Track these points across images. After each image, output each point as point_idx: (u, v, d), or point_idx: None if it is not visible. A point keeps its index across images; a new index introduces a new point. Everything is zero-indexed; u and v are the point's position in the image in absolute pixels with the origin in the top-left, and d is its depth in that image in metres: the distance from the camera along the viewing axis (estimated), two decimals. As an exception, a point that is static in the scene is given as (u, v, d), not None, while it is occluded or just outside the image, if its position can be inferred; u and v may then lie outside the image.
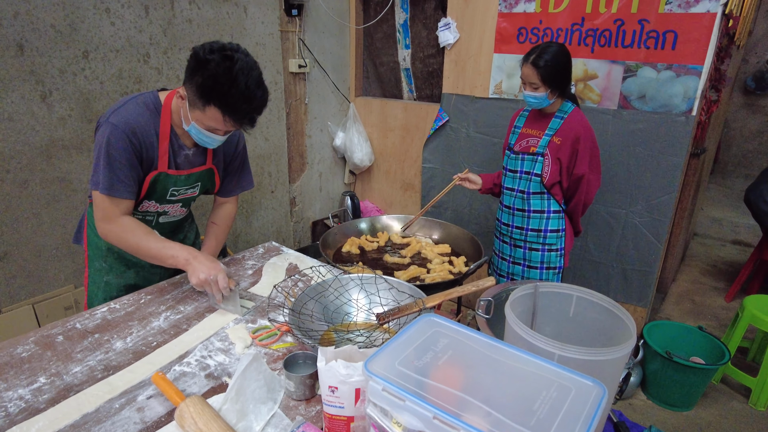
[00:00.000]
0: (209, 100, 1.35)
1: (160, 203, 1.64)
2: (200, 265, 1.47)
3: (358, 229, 2.46)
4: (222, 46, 1.34)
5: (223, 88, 1.31)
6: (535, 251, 2.27)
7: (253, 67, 1.35)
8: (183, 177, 1.61)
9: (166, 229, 1.78)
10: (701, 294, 3.85)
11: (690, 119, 2.39)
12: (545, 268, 2.28)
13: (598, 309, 1.12)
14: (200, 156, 1.65)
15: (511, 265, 2.36)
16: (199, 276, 1.46)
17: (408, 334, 1.00)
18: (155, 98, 1.52)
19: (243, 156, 1.82)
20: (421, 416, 0.81)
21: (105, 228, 1.51)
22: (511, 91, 2.90)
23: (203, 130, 1.44)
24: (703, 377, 2.55)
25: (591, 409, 0.81)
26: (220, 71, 1.30)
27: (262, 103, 1.40)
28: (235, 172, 1.82)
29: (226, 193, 1.85)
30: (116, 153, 1.43)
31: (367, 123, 3.69)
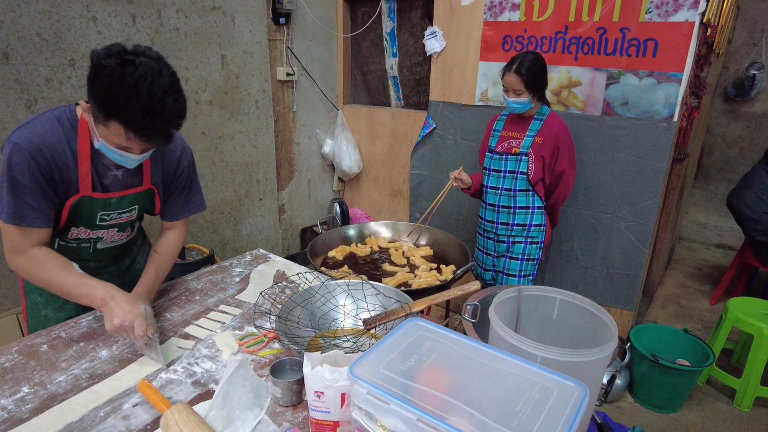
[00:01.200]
0: (108, 114, 1.13)
1: (90, 229, 1.45)
2: (117, 308, 1.26)
3: (346, 236, 2.47)
4: (122, 49, 1.13)
5: (119, 100, 1.10)
6: (518, 243, 2.41)
7: (161, 74, 1.14)
8: (114, 200, 1.41)
9: (108, 256, 1.60)
10: (687, 297, 3.90)
11: (671, 125, 2.43)
12: (525, 259, 2.42)
13: (580, 311, 1.14)
14: (134, 176, 1.43)
15: (495, 259, 2.49)
16: (112, 321, 1.25)
17: (393, 339, 1.01)
18: (71, 113, 1.32)
19: (189, 174, 1.58)
20: (405, 419, 0.82)
21: (14, 261, 1.33)
22: (496, 98, 2.94)
23: (113, 149, 1.22)
24: (689, 379, 2.58)
25: (573, 410, 0.82)
26: (115, 79, 1.08)
27: (174, 115, 1.18)
28: (179, 193, 1.59)
29: (170, 217, 1.62)
30: (20, 176, 1.23)
31: (355, 130, 3.70)
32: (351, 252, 2.35)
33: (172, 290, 1.70)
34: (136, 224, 1.65)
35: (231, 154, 3.07)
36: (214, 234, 3.09)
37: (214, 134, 2.94)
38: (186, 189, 1.60)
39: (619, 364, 2.67)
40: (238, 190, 3.18)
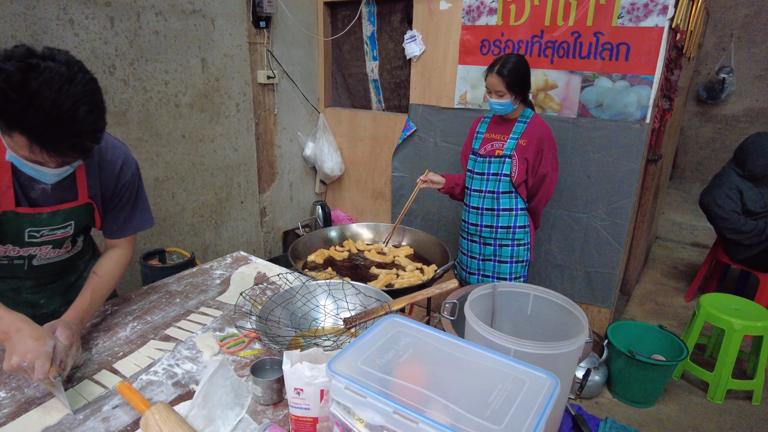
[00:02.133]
0: (9, 125, 1.00)
1: (20, 246, 1.33)
2: (19, 344, 1.10)
3: (328, 238, 2.48)
4: (27, 51, 0.99)
5: (17, 108, 0.96)
6: (505, 246, 2.41)
7: (72, 80, 1.00)
8: (44, 215, 1.28)
9: (47, 273, 1.49)
10: (663, 294, 4.00)
11: (644, 126, 2.50)
12: (514, 261, 2.43)
13: (554, 307, 1.17)
14: (67, 189, 1.30)
15: (481, 263, 2.49)
16: (10, 360, 1.08)
17: (371, 335, 1.03)
18: None
19: (133, 189, 1.45)
20: (382, 412, 0.84)
21: None
22: (475, 101, 2.99)
23: (26, 162, 1.08)
24: (664, 374, 2.64)
25: (544, 400, 0.85)
26: (13, 85, 0.95)
27: (87, 127, 1.03)
28: (121, 209, 1.45)
29: (112, 234, 1.49)
30: None
31: (336, 133, 3.72)
32: (330, 256, 2.35)
33: (153, 293, 1.70)
34: (79, 239, 1.50)
35: (211, 157, 3.06)
36: (195, 237, 3.08)
37: (195, 137, 2.93)
38: (129, 204, 1.47)
39: (597, 360, 2.73)
40: (219, 193, 3.17)
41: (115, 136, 1.41)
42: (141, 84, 2.59)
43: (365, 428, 0.85)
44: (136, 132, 2.62)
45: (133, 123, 2.60)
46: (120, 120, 2.54)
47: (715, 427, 2.60)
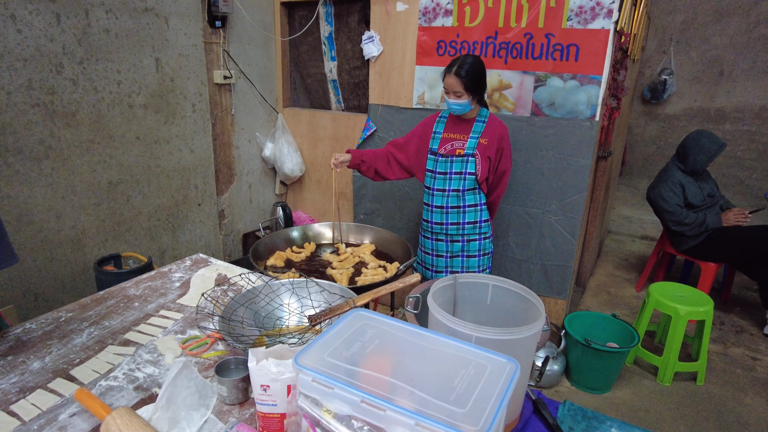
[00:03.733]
0: None
1: None
2: None
3: (290, 238, 2.47)
4: None
5: None
6: (473, 241, 2.48)
7: None
8: None
9: None
10: (616, 286, 4.17)
11: (594, 124, 2.62)
12: (482, 254, 2.50)
13: (512, 295, 1.22)
14: None
15: (449, 260, 2.53)
16: None
17: (337, 329, 1.04)
18: None
19: None
20: (349, 401, 0.86)
21: None
22: (433, 101, 3.04)
23: None
24: (618, 360, 2.77)
25: (505, 382, 0.89)
26: None
27: None
28: None
29: None
30: None
31: (296, 133, 3.70)
32: (288, 258, 2.34)
33: (110, 298, 1.65)
34: None
35: (167, 159, 2.99)
36: (152, 242, 3.00)
37: (149, 139, 2.86)
38: None
39: (556, 350, 2.82)
40: (176, 195, 3.10)
41: None
42: (92, 84, 2.50)
43: (333, 419, 0.86)
44: (87, 133, 2.53)
45: (84, 124, 2.51)
46: (70, 121, 2.45)
47: (664, 408, 2.74)
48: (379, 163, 2.53)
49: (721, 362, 3.18)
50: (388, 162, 2.54)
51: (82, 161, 2.54)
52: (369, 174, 2.56)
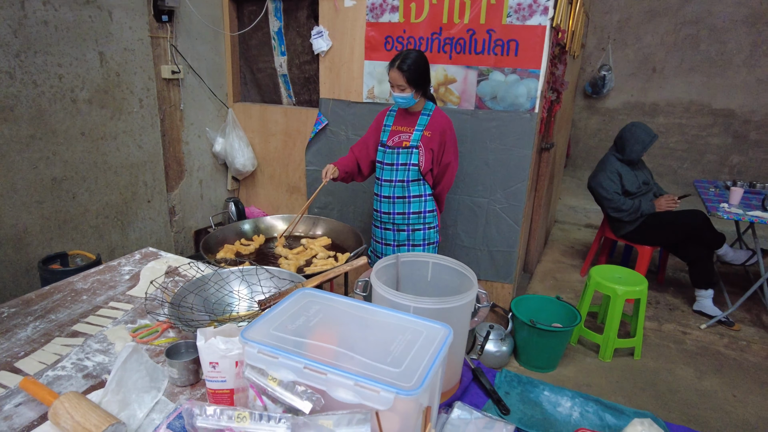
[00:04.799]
0: None
1: None
2: None
3: (241, 231, 2.48)
4: None
5: None
6: (418, 231, 2.57)
7: None
8: None
9: None
10: (561, 271, 4.38)
11: (534, 116, 2.76)
12: (426, 244, 2.61)
13: (449, 271, 1.31)
14: None
15: (395, 249, 2.62)
16: None
17: (283, 306, 1.10)
18: None
19: None
20: (293, 369, 0.91)
21: None
22: (382, 95, 3.11)
23: None
24: (562, 339, 2.93)
25: (438, 345, 0.97)
26: None
27: None
28: None
29: None
30: None
31: (247, 128, 3.70)
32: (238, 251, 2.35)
33: (56, 292, 1.63)
34: None
35: (114, 155, 2.93)
36: (100, 240, 2.94)
37: (95, 135, 2.80)
38: None
39: (504, 332, 2.96)
40: (124, 192, 3.04)
41: None
42: (30, 77, 2.43)
43: (279, 386, 0.92)
44: (27, 129, 2.46)
45: (23, 119, 2.44)
46: (7, 116, 2.37)
47: (605, 382, 2.92)
48: (354, 168, 2.65)
49: (656, 338, 3.42)
50: (357, 165, 2.66)
51: (22, 158, 2.46)
52: (347, 181, 2.69)
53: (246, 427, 0.82)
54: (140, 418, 1.11)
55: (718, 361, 3.20)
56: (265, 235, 2.51)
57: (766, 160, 5.18)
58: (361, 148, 2.64)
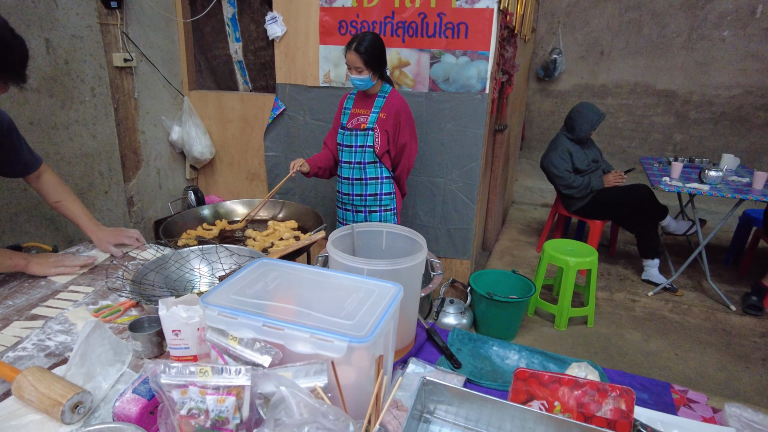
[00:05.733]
0: None
1: None
2: None
3: (201, 216, 2.49)
4: None
5: None
6: (374, 213, 2.64)
7: None
8: None
9: None
10: (518, 249, 4.55)
11: (484, 97, 2.86)
12: None
13: (402, 239, 1.38)
14: None
15: None
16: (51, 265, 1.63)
17: (242, 274, 1.15)
18: None
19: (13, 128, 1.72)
20: (252, 327, 0.97)
21: None
22: (338, 79, 3.15)
23: None
24: (519, 309, 3.07)
25: (389, 300, 1.04)
26: None
27: None
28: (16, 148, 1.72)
29: (26, 170, 1.77)
30: None
31: (204, 116, 3.67)
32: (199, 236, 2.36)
33: (12, 279, 1.62)
34: None
35: (67, 146, 2.87)
36: (56, 232, 2.88)
37: (46, 124, 2.73)
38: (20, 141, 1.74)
39: (464, 305, 3.08)
40: (80, 183, 2.99)
41: None
42: (-29, 66, 2.36)
43: (239, 344, 0.97)
44: (-29, 119, 2.38)
45: (-34, 109, 2.36)
46: (-50, 106, 2.29)
47: (561, 349, 3.09)
48: (331, 162, 2.70)
49: (608, 306, 3.62)
50: (334, 158, 2.70)
51: (-32, 149, 2.39)
52: (326, 175, 2.74)
53: (208, 380, 0.88)
54: (105, 389, 1.14)
55: (663, 325, 3.42)
56: (225, 220, 2.52)
57: (704, 138, 5.49)
58: (333, 139, 2.68)
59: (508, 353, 1.38)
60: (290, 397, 0.85)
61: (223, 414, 0.87)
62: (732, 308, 3.54)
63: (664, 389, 1.26)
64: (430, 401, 1.00)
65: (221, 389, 0.87)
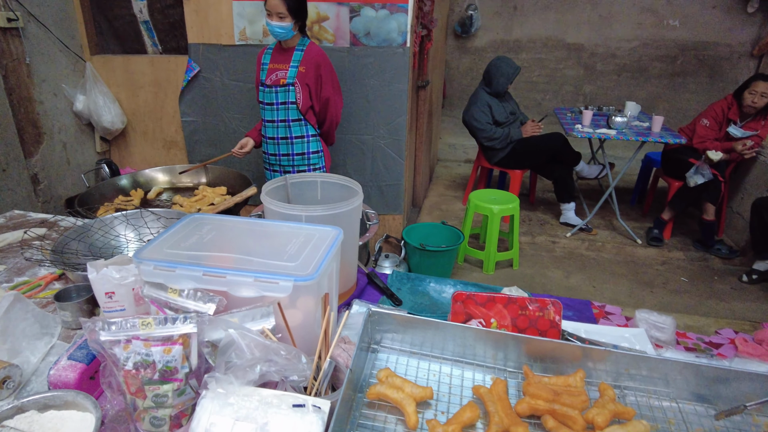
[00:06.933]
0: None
1: None
2: None
3: (120, 187, 2.35)
4: None
5: None
6: (303, 172, 2.54)
7: None
8: None
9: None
10: (446, 203, 4.70)
11: (406, 50, 2.87)
12: None
13: (337, 187, 1.39)
14: None
15: None
16: None
17: (174, 230, 1.11)
18: None
19: None
20: (192, 277, 0.95)
21: None
22: (255, 36, 3.03)
23: None
24: (449, 257, 3.20)
25: (330, 243, 1.05)
26: None
27: None
28: None
29: None
30: None
31: (111, 82, 3.40)
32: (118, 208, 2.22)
33: None
34: None
35: (-50, 120, 2.57)
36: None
37: None
38: None
39: (398, 258, 3.16)
40: (-29, 161, 2.70)
41: None
42: None
43: (179, 296, 0.95)
44: None
45: None
46: None
47: (490, 292, 3.27)
48: None
49: (530, 249, 3.86)
50: None
51: None
52: None
53: (152, 332, 0.85)
54: (35, 362, 1.09)
55: (580, 262, 3.71)
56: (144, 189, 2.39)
57: (610, 88, 5.87)
58: None
59: (444, 288, 1.46)
60: (240, 339, 0.85)
61: (170, 364, 0.86)
62: (638, 242, 3.90)
63: (586, 306, 1.39)
64: (377, 332, 1.04)
65: (166, 339, 0.86)
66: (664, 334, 1.27)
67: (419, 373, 1.00)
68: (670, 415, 0.95)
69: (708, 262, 3.74)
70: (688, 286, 3.43)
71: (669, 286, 3.41)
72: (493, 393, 0.88)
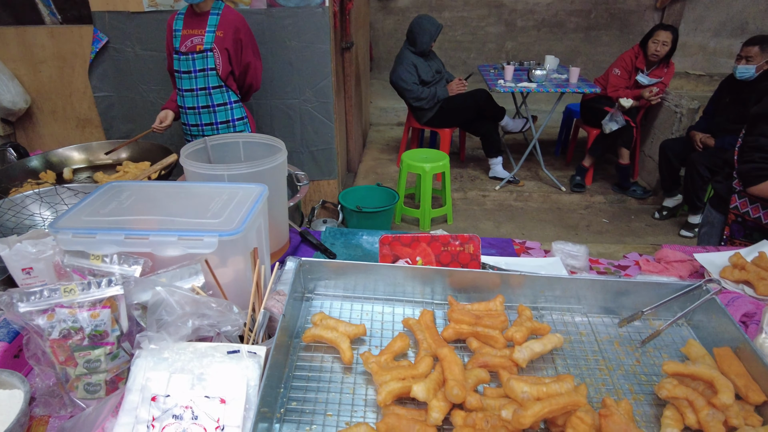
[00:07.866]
0: None
1: None
2: None
3: (29, 168, 2.19)
4: None
5: None
6: None
7: None
8: None
9: None
10: (381, 167, 4.74)
11: (325, 10, 2.82)
12: None
13: (261, 147, 1.38)
14: None
15: None
16: None
17: (90, 198, 1.08)
18: None
19: None
20: (114, 242, 0.94)
21: None
22: (166, 2, 2.87)
23: None
24: (386, 217, 3.26)
25: (254, 199, 1.06)
26: None
27: None
28: None
29: None
30: None
31: (6, 58, 3.12)
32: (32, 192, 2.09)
33: None
34: None
35: None
36: None
37: None
38: None
39: (336, 223, 3.19)
40: None
41: None
42: None
43: (102, 262, 0.94)
44: None
45: None
46: None
47: (427, 247, 3.38)
48: None
49: (463, 204, 4.00)
50: None
51: None
52: None
53: (76, 298, 0.84)
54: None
55: (510, 212, 3.90)
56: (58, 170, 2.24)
57: (530, 43, 6.06)
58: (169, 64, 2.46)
59: (376, 239, 1.50)
60: (168, 296, 0.85)
61: (100, 328, 0.85)
62: (563, 189, 4.14)
63: (508, 243, 1.48)
64: (309, 281, 1.07)
65: (93, 304, 0.85)
66: (578, 261, 1.39)
67: (353, 314, 1.04)
68: (581, 327, 1.06)
69: (625, 204, 4.03)
70: (608, 226, 3.70)
71: (592, 228, 3.67)
72: (421, 323, 0.95)
